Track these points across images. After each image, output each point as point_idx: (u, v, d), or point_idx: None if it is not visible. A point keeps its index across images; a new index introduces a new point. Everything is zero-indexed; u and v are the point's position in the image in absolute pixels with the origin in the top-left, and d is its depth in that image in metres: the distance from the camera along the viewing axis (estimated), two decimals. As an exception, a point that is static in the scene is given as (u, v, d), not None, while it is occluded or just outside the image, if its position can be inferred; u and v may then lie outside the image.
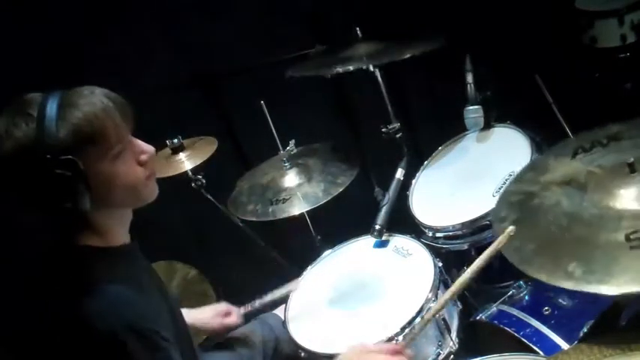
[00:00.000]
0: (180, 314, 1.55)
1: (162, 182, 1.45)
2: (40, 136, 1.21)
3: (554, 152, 1.64)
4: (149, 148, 1.37)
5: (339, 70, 2.08)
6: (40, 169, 1.21)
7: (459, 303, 1.97)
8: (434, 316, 1.54)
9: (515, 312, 1.83)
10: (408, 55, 2.03)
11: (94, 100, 1.27)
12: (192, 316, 1.78)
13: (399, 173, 2.18)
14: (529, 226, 1.40)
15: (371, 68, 2.12)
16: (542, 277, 1.26)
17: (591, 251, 1.25)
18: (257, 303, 1.96)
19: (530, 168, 1.67)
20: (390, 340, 1.72)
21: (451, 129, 2.33)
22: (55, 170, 1.21)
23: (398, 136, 2.26)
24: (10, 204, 1.28)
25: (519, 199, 1.50)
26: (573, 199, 1.40)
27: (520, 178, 1.63)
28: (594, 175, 1.43)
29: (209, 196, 2.35)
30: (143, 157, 1.36)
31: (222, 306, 1.91)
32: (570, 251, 1.27)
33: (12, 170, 1.24)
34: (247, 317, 1.95)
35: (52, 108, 1.23)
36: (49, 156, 1.21)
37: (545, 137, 2.07)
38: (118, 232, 1.40)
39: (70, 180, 1.22)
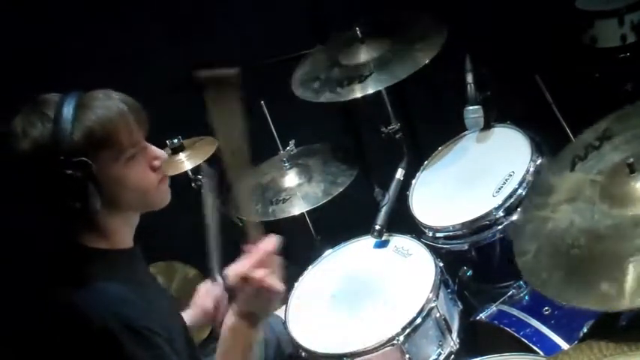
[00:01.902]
0: (181, 317, 1.55)
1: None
2: (55, 136, 1.22)
3: (552, 170, 1.62)
4: (162, 154, 1.38)
5: (358, 95, 2.08)
6: (53, 169, 1.22)
7: (459, 303, 1.97)
8: None
9: (515, 312, 1.83)
10: (423, 64, 2.05)
11: (110, 103, 1.29)
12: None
13: (399, 173, 2.19)
14: (552, 254, 1.38)
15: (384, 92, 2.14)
16: (582, 304, 1.26)
17: (618, 265, 1.23)
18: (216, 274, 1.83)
19: (536, 193, 1.63)
20: (390, 340, 1.73)
21: (451, 129, 2.32)
22: (68, 171, 1.22)
23: (398, 136, 2.26)
24: (12, 203, 1.29)
25: (534, 227, 1.47)
26: (585, 215, 1.38)
27: (529, 205, 1.61)
28: (597, 184, 1.42)
29: (209, 196, 2.35)
30: (156, 163, 1.37)
31: (200, 293, 1.79)
32: (598, 270, 1.26)
33: (26, 169, 1.26)
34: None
35: (68, 109, 1.24)
36: (62, 157, 1.22)
37: (545, 137, 2.06)
38: (124, 235, 1.40)
39: (81, 181, 1.24)
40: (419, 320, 1.75)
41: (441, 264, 1.92)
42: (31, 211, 1.31)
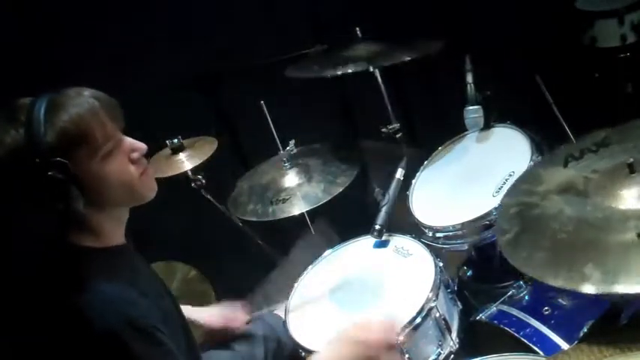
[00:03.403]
0: (181, 311, 1.55)
1: (162, 182, 1.46)
2: (28, 141, 1.23)
3: (542, 165, 1.64)
4: (140, 145, 1.38)
5: (339, 72, 2.07)
6: (31, 173, 1.23)
7: (459, 303, 1.97)
8: None
9: (515, 312, 1.83)
10: (408, 59, 2.05)
11: (81, 101, 1.29)
12: (197, 313, 1.78)
13: (399, 173, 2.19)
14: (535, 234, 1.39)
15: (370, 69, 2.12)
16: (560, 284, 1.26)
17: (604, 253, 1.25)
18: (265, 309, 1.95)
19: (523, 180, 1.66)
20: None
21: (451, 129, 2.33)
22: (46, 173, 1.23)
23: (398, 136, 2.26)
24: (5, 204, 1.29)
25: (519, 210, 1.49)
26: (576, 206, 1.39)
27: (514, 190, 1.63)
28: (592, 180, 1.43)
29: (209, 196, 2.35)
30: (134, 155, 1.37)
31: (230, 309, 1.90)
32: (583, 255, 1.27)
33: (5, 175, 1.26)
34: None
35: (39, 112, 1.25)
36: (38, 160, 1.22)
37: (545, 137, 2.07)
38: (114, 232, 1.40)
39: (61, 182, 1.24)
40: (418, 320, 1.75)
41: (441, 264, 1.92)
42: (20, 211, 1.31)
